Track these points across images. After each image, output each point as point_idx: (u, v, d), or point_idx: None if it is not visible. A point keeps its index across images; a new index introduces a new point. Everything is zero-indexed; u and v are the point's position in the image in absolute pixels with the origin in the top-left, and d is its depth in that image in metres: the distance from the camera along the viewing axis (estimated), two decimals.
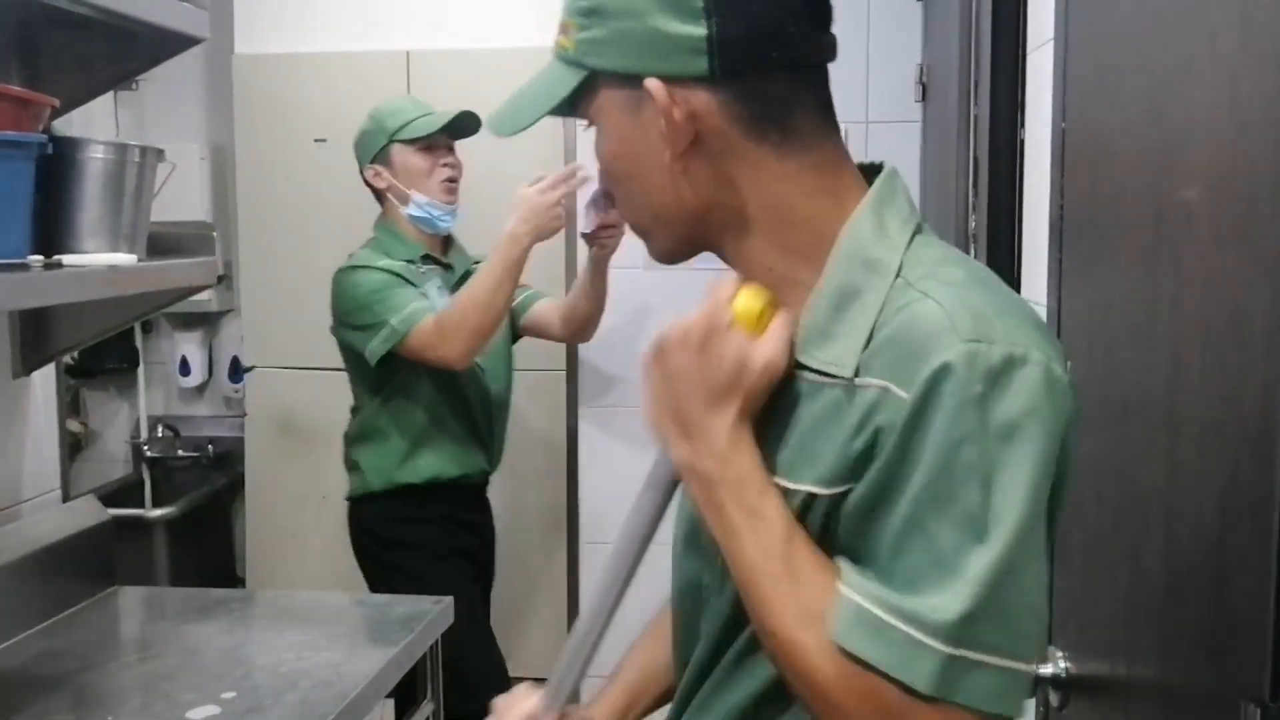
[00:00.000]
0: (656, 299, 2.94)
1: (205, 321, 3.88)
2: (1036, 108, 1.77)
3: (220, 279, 2.01)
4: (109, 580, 2.19)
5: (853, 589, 0.81)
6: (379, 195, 2.62)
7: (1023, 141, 1.85)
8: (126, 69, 1.98)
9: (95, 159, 1.66)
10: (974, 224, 2.03)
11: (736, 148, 0.89)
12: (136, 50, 1.89)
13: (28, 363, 2.08)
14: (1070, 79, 1.53)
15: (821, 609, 0.82)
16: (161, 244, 1.85)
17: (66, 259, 1.60)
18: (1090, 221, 1.46)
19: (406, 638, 1.97)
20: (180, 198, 3.44)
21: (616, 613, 1.06)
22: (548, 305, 2.76)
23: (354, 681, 1.76)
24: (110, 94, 3.28)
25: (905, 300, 0.84)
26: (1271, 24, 0.96)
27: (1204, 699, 1.07)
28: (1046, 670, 1.42)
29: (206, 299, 3.56)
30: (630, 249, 2.93)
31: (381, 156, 2.58)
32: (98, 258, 1.63)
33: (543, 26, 3.54)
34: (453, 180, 2.58)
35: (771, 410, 0.89)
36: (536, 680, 1.17)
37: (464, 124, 2.55)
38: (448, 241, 2.68)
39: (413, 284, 2.50)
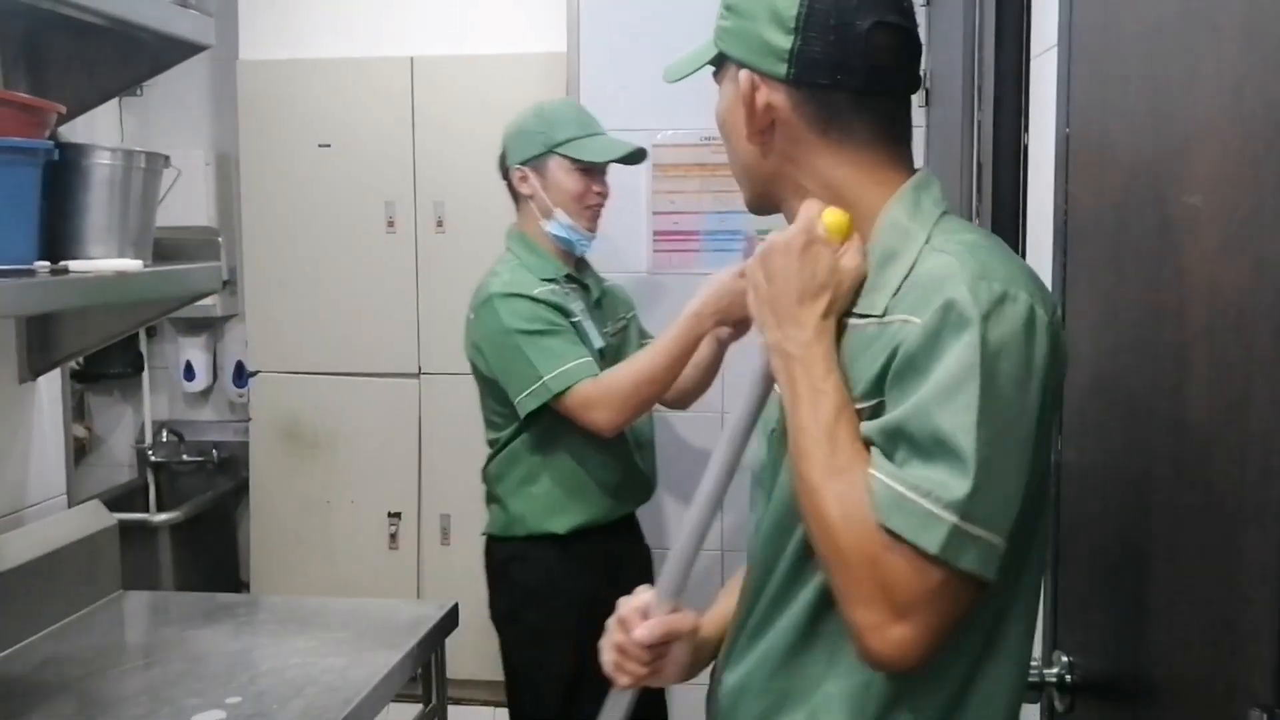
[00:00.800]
0: (660, 303, 2.94)
1: (210, 326, 3.88)
2: (1040, 113, 1.77)
3: (225, 284, 2.02)
4: (114, 585, 2.19)
5: (878, 470, 1.00)
6: (516, 197, 2.42)
7: (1026, 147, 1.85)
8: (133, 75, 1.99)
9: (101, 165, 1.66)
10: (975, 225, 2.03)
11: (803, 138, 1.11)
12: (143, 57, 1.90)
13: (34, 368, 2.08)
14: (1074, 85, 1.53)
15: (847, 468, 1.01)
16: (167, 250, 1.86)
17: (73, 265, 1.60)
18: (1094, 227, 1.46)
19: (412, 642, 1.97)
20: (185, 203, 3.44)
21: (722, 501, 1.20)
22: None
23: (359, 686, 1.77)
24: (115, 100, 3.29)
25: (929, 259, 1.04)
26: (1276, 30, 0.96)
27: (1210, 704, 1.07)
28: (1052, 673, 1.42)
29: (211, 304, 3.57)
30: (634, 255, 2.94)
31: (536, 163, 2.37)
32: (104, 264, 1.63)
33: (545, 33, 3.56)
34: (600, 207, 2.42)
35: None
36: None
37: (632, 156, 2.42)
38: (581, 261, 2.50)
39: (565, 312, 2.31)
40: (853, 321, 1.09)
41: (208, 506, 3.72)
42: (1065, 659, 1.42)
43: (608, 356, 2.38)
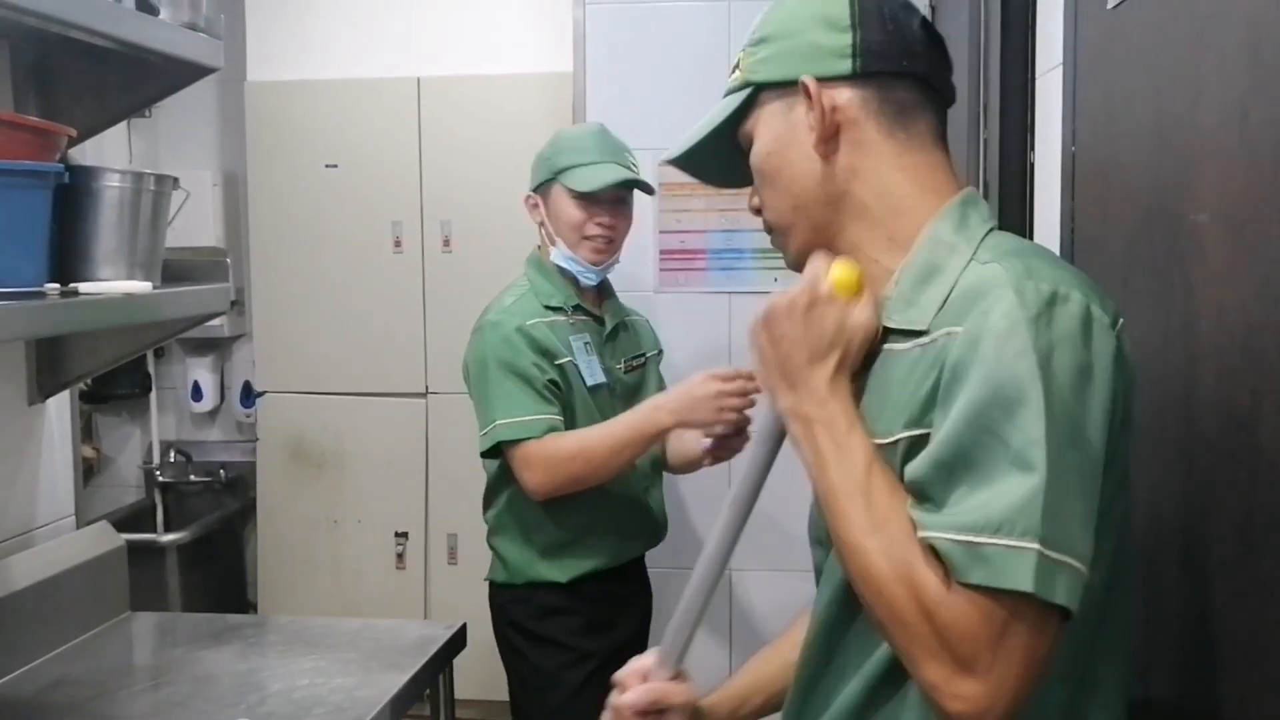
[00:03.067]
0: (665, 321, 2.95)
1: (217, 346, 3.89)
2: (1046, 132, 1.77)
3: (232, 304, 2.02)
4: (122, 606, 2.19)
5: (938, 530, 0.91)
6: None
7: (1032, 165, 1.86)
8: (142, 98, 2.00)
9: (111, 188, 1.67)
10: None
11: (869, 139, 1.07)
12: (152, 80, 1.91)
13: (43, 390, 2.09)
14: (1079, 103, 1.53)
15: (885, 522, 0.94)
16: (175, 271, 1.87)
17: (82, 287, 1.61)
18: (1101, 246, 1.46)
19: (420, 663, 1.97)
20: (193, 223, 3.47)
21: (728, 565, 1.17)
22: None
23: (367, 707, 1.76)
24: (124, 121, 3.31)
25: (973, 271, 0.99)
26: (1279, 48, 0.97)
27: None
28: None
29: (219, 324, 3.58)
30: (640, 273, 2.94)
31: (543, 190, 2.32)
32: (113, 286, 1.64)
33: (551, 53, 3.57)
34: (607, 239, 2.29)
35: (863, 376, 1.05)
36: None
37: (635, 185, 2.33)
38: (603, 289, 2.40)
39: (552, 353, 2.21)
40: (890, 346, 1.04)
41: (215, 527, 3.72)
42: None
43: (619, 393, 2.33)
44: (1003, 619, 0.87)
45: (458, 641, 2.14)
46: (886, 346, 1.04)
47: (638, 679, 1.26)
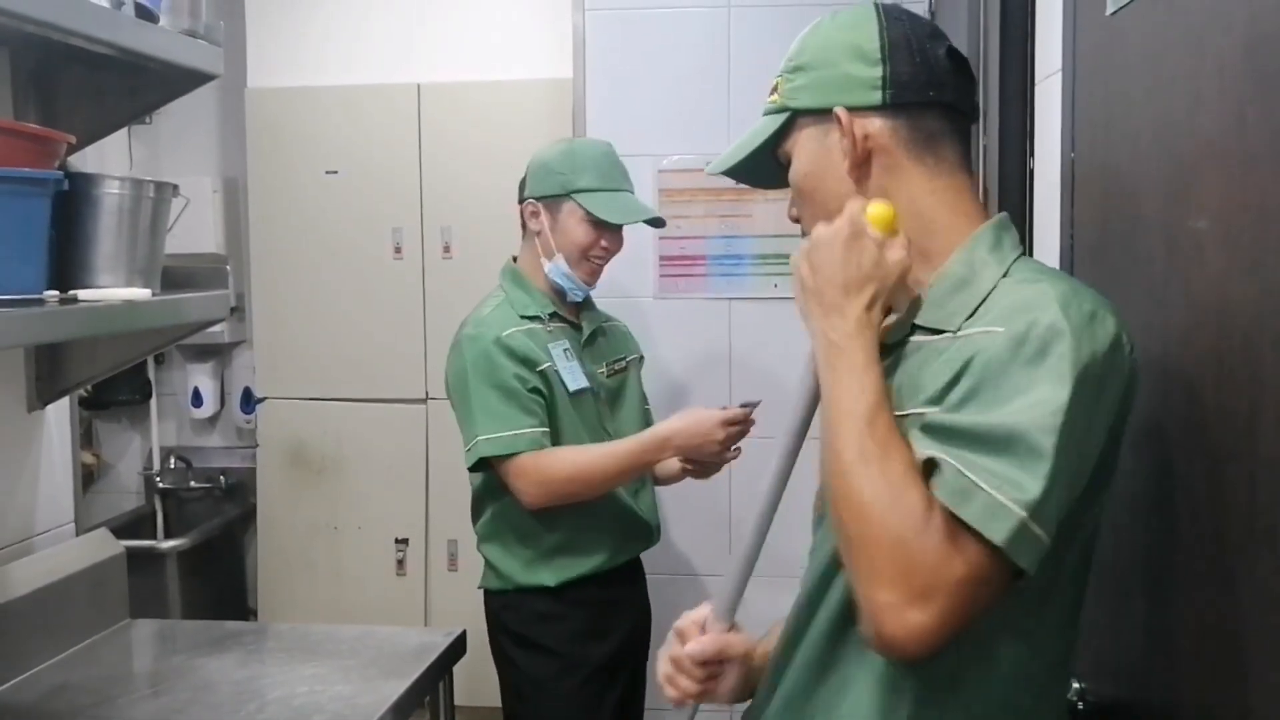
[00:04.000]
0: (665, 327, 2.95)
1: (217, 353, 3.89)
2: (1045, 138, 1.77)
3: (232, 310, 2.02)
4: (122, 614, 2.19)
5: (950, 456, 0.98)
6: (524, 227, 2.35)
7: (1032, 171, 1.86)
8: (142, 105, 2.00)
9: (110, 194, 1.67)
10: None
11: (899, 165, 1.15)
12: (152, 87, 1.92)
13: (42, 396, 2.09)
14: (1078, 110, 1.53)
15: (882, 455, 1.01)
16: (175, 277, 1.87)
17: (82, 294, 1.61)
18: (1101, 252, 1.46)
19: (420, 670, 1.97)
20: (193, 230, 3.47)
21: (777, 511, 1.23)
22: None
23: (367, 714, 1.76)
24: (124, 128, 3.31)
25: (1014, 287, 1.07)
26: (1278, 55, 0.97)
27: None
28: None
29: (219, 330, 3.58)
30: (640, 279, 2.94)
31: (551, 202, 2.29)
32: (113, 293, 1.64)
33: (551, 59, 3.57)
34: (605, 262, 2.33)
35: (886, 364, 1.11)
36: None
37: (650, 223, 2.36)
38: (582, 302, 2.41)
39: (532, 361, 2.21)
40: (919, 338, 1.12)
41: (215, 533, 3.72)
42: (1077, 685, 1.41)
43: (601, 396, 2.33)
44: (966, 564, 0.96)
45: (457, 648, 2.14)
46: (914, 339, 1.12)
47: (696, 629, 1.28)
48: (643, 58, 2.92)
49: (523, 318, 2.26)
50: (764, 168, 1.25)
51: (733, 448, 2.22)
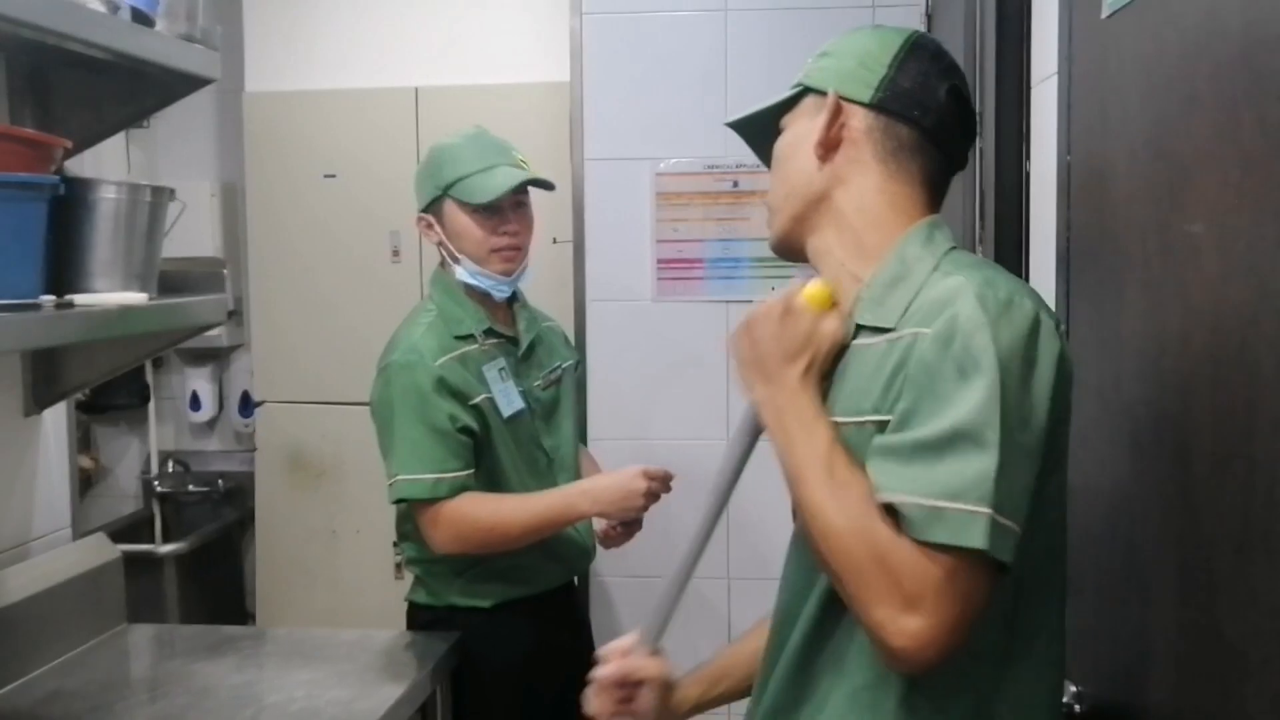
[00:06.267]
0: (663, 330, 2.95)
1: (215, 356, 3.89)
2: (1041, 141, 1.77)
3: (230, 314, 2.02)
4: (119, 618, 2.19)
5: (902, 493, 1.03)
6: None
7: (1028, 174, 1.86)
8: (139, 109, 1.99)
9: (107, 199, 1.67)
10: (981, 256, 2.03)
11: (863, 160, 1.21)
12: (149, 91, 1.91)
13: (39, 401, 2.08)
14: (1074, 113, 1.54)
15: (845, 484, 1.07)
16: (172, 282, 1.86)
17: (78, 299, 1.60)
18: (1097, 255, 1.46)
19: (416, 675, 1.96)
20: (191, 234, 3.46)
21: (705, 549, 1.31)
22: (584, 455, 2.49)
23: (365, 719, 1.76)
24: (122, 132, 3.31)
25: (938, 281, 1.12)
26: (1273, 60, 0.97)
27: None
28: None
29: (217, 334, 3.57)
30: (637, 283, 2.94)
31: (433, 208, 2.19)
32: (109, 297, 1.64)
33: (548, 62, 3.56)
34: (514, 247, 2.18)
35: (833, 372, 1.18)
36: None
37: (532, 183, 2.20)
38: (513, 298, 2.28)
39: (464, 395, 2.10)
40: (859, 341, 1.17)
41: (213, 537, 3.71)
42: (1073, 688, 1.41)
43: (538, 413, 2.24)
44: (949, 566, 1.00)
45: (454, 653, 2.13)
46: (856, 342, 1.18)
47: (618, 655, 1.38)
48: (640, 62, 2.92)
49: (456, 338, 2.15)
50: (765, 134, 1.31)
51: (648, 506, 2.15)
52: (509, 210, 2.17)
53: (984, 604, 1.02)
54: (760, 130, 1.31)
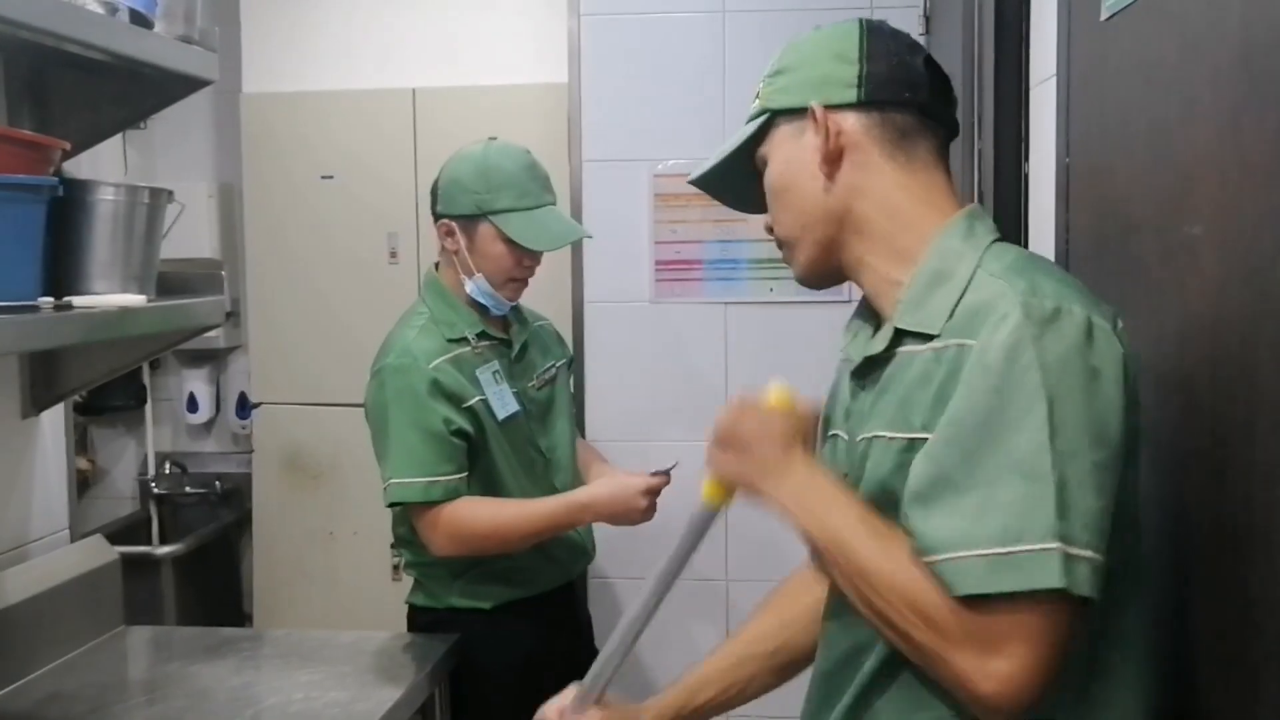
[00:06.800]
0: (661, 331, 2.95)
1: (213, 358, 3.89)
2: (1040, 143, 1.77)
3: (228, 315, 2.01)
4: (116, 620, 2.19)
5: (956, 550, 0.97)
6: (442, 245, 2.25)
7: (1027, 176, 1.86)
8: (137, 111, 1.99)
9: (105, 201, 1.67)
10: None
11: (871, 161, 1.15)
12: (147, 93, 1.91)
13: (37, 403, 2.08)
14: (1073, 115, 1.54)
15: (895, 546, 1.02)
16: (170, 283, 1.86)
17: (76, 301, 1.60)
18: (1096, 257, 1.46)
19: (415, 677, 1.96)
20: (188, 235, 3.46)
21: (650, 623, 1.33)
22: (583, 446, 2.50)
23: None
24: (119, 134, 3.31)
25: (981, 283, 1.06)
26: (1273, 62, 0.97)
27: None
28: None
29: (214, 336, 3.56)
30: (636, 284, 2.94)
31: (465, 223, 2.17)
32: (107, 299, 1.63)
33: (546, 63, 3.56)
34: (528, 277, 2.22)
35: (878, 383, 1.13)
36: None
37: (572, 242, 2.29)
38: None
39: (459, 398, 2.11)
40: (904, 350, 1.11)
41: (211, 539, 3.71)
42: None
43: (533, 414, 2.25)
44: (1027, 609, 0.94)
45: (453, 654, 2.13)
46: (900, 350, 1.11)
47: (555, 713, 1.41)
48: (638, 63, 2.92)
49: (449, 341, 2.15)
50: (742, 179, 1.25)
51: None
52: (536, 250, 2.19)
53: (1070, 638, 0.97)
54: (731, 175, 1.26)
